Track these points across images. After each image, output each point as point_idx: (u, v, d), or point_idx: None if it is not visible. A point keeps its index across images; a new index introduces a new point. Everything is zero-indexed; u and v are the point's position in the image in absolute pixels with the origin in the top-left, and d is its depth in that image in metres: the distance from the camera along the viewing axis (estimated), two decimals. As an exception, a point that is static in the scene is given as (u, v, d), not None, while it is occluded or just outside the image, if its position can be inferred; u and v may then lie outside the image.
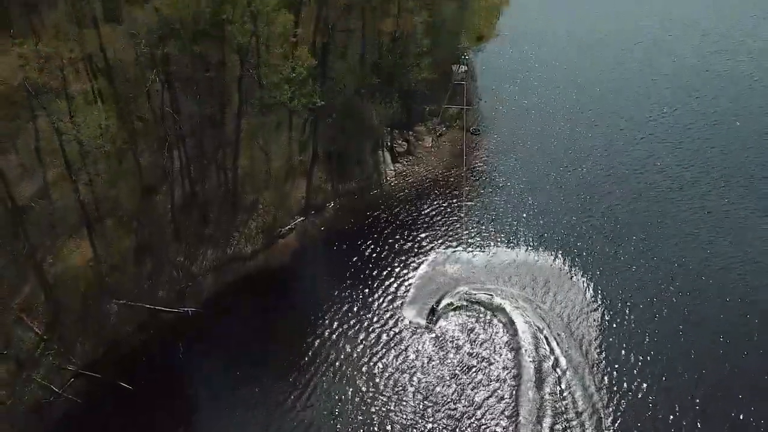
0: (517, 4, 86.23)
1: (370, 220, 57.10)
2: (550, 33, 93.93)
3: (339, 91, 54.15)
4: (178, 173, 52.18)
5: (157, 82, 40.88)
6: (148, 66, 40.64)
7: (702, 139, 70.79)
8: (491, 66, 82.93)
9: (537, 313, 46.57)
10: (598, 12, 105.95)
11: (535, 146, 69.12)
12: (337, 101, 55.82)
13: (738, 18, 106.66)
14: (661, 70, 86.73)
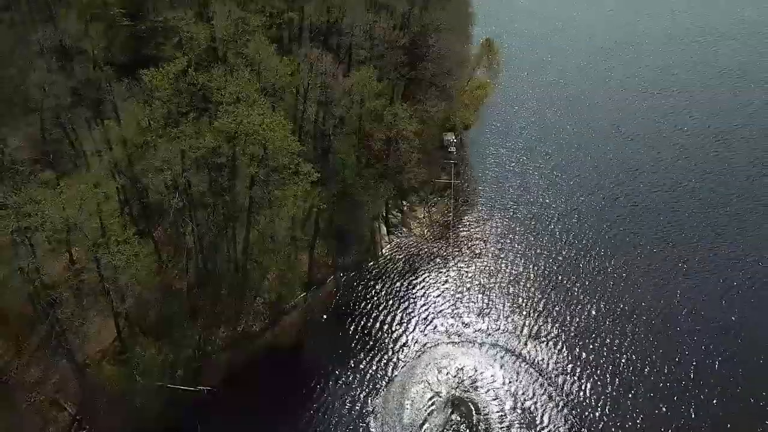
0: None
1: (368, 296, 62.60)
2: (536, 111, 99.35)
3: (338, 181, 59.66)
4: (192, 249, 57.48)
5: (178, 200, 46.43)
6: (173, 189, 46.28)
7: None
8: (479, 140, 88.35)
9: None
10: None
11: (522, 216, 75.03)
12: (336, 188, 61.31)
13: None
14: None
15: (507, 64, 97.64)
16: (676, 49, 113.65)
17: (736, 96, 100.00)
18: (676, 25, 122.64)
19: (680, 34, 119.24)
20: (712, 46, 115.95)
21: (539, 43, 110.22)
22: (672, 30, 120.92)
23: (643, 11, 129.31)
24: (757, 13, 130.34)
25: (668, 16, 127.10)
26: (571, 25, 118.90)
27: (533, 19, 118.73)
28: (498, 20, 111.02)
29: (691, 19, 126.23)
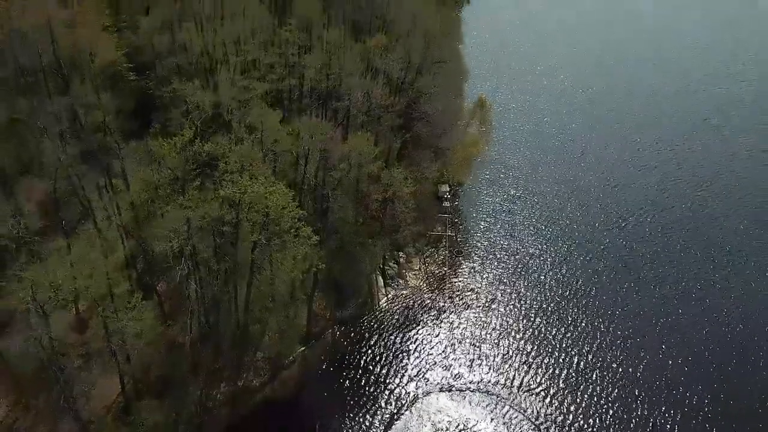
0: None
1: (364, 349, 64.70)
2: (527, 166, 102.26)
3: (337, 239, 62.44)
4: (194, 305, 59.83)
5: (183, 266, 49.11)
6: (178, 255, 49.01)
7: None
8: (473, 190, 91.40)
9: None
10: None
11: (513, 267, 77.56)
12: (335, 243, 63.98)
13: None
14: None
15: (500, 116, 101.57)
16: (667, 98, 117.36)
17: (724, 142, 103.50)
18: (672, 77, 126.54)
19: (674, 84, 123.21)
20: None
21: (531, 96, 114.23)
22: (664, 78, 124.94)
23: (633, 56, 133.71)
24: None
25: (663, 65, 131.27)
26: (564, 75, 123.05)
27: (526, 74, 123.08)
28: (491, 75, 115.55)
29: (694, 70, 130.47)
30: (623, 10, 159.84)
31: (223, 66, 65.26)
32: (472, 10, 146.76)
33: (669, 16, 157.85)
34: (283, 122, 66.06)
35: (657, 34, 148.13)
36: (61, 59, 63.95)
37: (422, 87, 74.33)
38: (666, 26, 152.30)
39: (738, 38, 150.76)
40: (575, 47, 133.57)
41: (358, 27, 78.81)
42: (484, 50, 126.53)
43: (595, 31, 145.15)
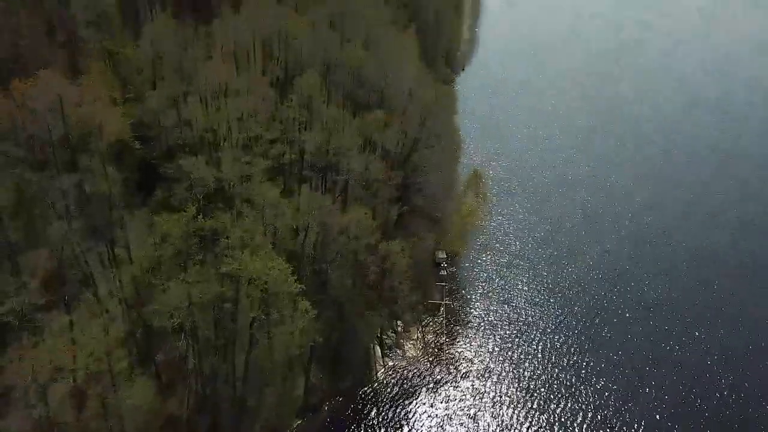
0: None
1: (362, 423, 64.37)
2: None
3: (335, 310, 63.22)
4: (192, 376, 59.86)
5: (184, 342, 49.80)
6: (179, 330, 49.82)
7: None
8: (469, 257, 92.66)
9: None
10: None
11: (508, 335, 77.97)
12: (333, 314, 64.64)
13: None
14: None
15: (496, 184, 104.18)
16: (657, 164, 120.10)
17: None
18: (668, 140, 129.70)
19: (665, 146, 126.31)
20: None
21: (526, 162, 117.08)
22: (667, 141, 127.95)
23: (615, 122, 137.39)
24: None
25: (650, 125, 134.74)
26: (558, 140, 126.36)
27: (521, 139, 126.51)
28: (487, 141, 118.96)
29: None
30: (621, 65, 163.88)
31: (226, 142, 67.66)
32: (468, 76, 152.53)
33: (668, 65, 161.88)
34: (283, 193, 68.08)
35: (661, 85, 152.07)
36: (70, 134, 66.46)
37: (419, 160, 76.82)
38: (668, 81, 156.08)
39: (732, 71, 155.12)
40: (571, 113, 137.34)
41: (357, 102, 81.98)
42: (479, 116, 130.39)
43: (592, 89, 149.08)
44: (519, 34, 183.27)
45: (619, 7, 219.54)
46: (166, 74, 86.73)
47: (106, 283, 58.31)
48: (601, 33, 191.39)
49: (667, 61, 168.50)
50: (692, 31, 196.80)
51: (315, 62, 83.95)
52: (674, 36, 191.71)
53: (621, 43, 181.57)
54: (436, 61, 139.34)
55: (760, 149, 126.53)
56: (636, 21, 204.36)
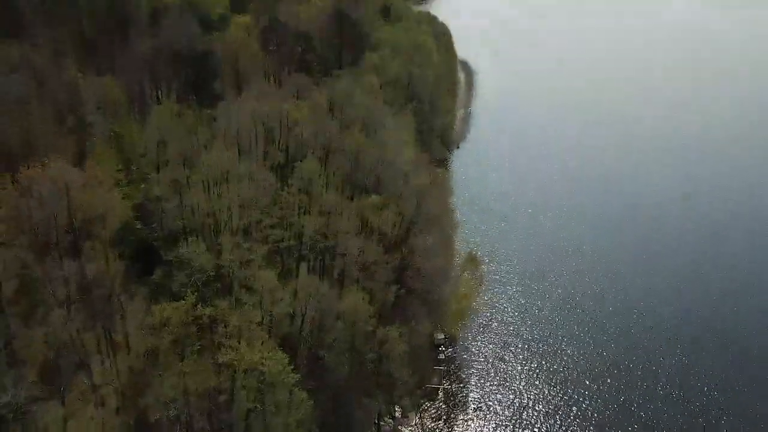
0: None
1: None
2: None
3: (331, 396, 62.72)
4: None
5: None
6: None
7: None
8: (467, 338, 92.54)
9: None
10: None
11: (508, 420, 76.94)
12: (329, 401, 64.02)
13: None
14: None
15: (493, 263, 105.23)
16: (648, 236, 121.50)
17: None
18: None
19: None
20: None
21: (522, 243, 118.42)
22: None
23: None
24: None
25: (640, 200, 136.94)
26: (554, 223, 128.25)
27: (517, 219, 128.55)
28: (481, 227, 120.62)
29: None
30: (618, 136, 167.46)
31: (227, 227, 69.12)
32: (462, 153, 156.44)
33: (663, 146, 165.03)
34: (281, 275, 68.91)
35: (661, 156, 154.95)
36: (74, 219, 68.02)
37: (415, 243, 78.20)
38: (666, 154, 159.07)
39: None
40: (567, 190, 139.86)
41: (355, 185, 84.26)
42: (474, 194, 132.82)
43: (588, 164, 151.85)
44: (513, 111, 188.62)
45: (615, 72, 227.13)
46: (170, 157, 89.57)
47: (102, 370, 58.12)
48: (598, 100, 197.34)
49: (666, 133, 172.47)
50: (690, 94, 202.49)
51: (315, 146, 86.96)
52: (673, 100, 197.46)
53: (619, 112, 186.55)
54: (431, 140, 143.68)
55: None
56: (635, 86, 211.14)
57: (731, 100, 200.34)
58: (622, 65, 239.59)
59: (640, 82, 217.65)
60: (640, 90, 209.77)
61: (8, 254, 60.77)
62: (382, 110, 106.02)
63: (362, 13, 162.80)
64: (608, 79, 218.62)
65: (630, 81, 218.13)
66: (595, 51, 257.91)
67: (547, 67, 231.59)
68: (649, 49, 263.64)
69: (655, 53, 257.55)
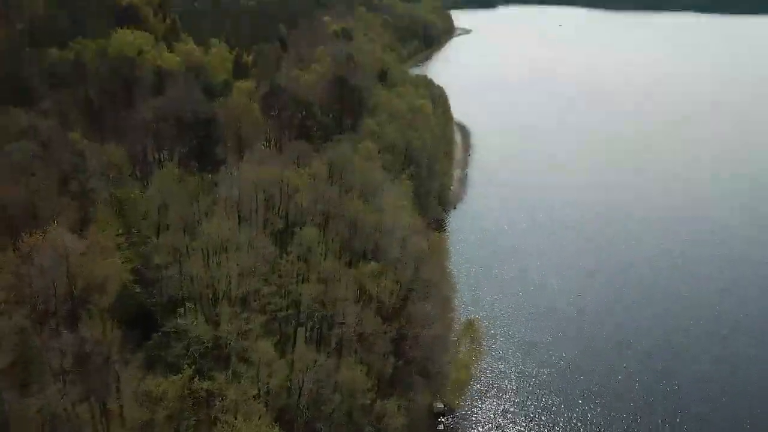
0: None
1: None
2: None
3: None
4: None
5: None
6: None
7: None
8: (467, 405, 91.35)
9: None
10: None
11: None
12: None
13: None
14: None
15: (491, 329, 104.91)
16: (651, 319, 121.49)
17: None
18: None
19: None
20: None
21: (520, 313, 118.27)
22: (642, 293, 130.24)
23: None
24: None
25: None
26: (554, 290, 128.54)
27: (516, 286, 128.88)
28: (480, 292, 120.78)
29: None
30: (617, 203, 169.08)
31: (225, 296, 69.46)
32: (459, 214, 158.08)
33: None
34: (278, 344, 68.76)
35: (663, 220, 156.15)
36: (74, 288, 68.32)
37: (413, 311, 78.35)
38: (668, 218, 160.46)
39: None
40: (565, 254, 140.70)
41: (353, 251, 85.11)
42: (471, 257, 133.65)
43: (588, 228, 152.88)
44: (510, 171, 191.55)
45: (612, 132, 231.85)
46: (171, 222, 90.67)
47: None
48: (596, 161, 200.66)
49: (664, 194, 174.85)
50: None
51: (314, 213, 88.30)
52: (671, 162, 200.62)
53: (617, 172, 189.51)
54: (429, 201, 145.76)
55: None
56: (633, 145, 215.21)
57: (730, 165, 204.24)
58: (621, 125, 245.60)
59: (639, 142, 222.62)
60: (639, 150, 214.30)
61: (7, 323, 60.85)
62: (380, 176, 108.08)
63: (360, 78, 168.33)
64: (606, 140, 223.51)
65: (628, 140, 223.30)
66: (594, 112, 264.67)
67: (544, 127, 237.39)
68: (650, 108, 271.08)
69: (657, 112, 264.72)
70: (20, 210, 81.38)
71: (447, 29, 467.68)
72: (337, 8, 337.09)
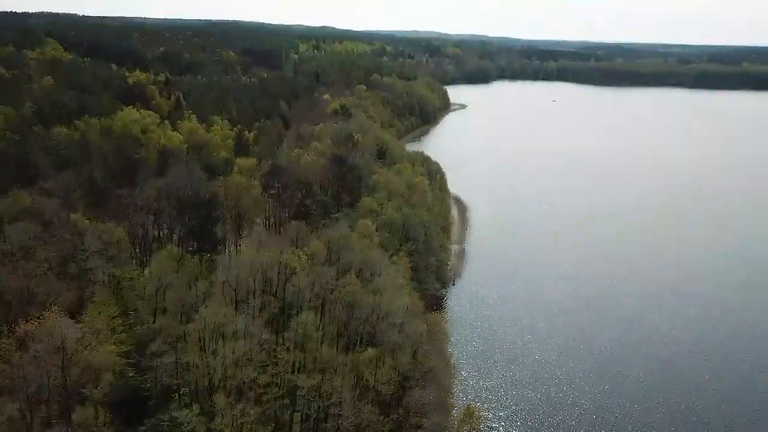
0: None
1: None
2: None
3: None
4: None
5: None
6: None
7: None
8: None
9: None
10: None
11: None
12: None
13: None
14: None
15: (491, 413, 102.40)
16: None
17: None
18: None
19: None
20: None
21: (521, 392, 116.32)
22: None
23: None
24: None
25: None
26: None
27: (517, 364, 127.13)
28: (479, 377, 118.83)
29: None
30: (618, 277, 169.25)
31: (220, 387, 68.48)
32: (457, 290, 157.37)
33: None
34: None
35: (667, 298, 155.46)
36: (67, 377, 67.37)
37: (411, 401, 76.97)
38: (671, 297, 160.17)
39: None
40: (566, 332, 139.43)
41: (350, 336, 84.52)
42: (470, 338, 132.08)
43: (589, 304, 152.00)
44: (507, 245, 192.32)
45: (610, 207, 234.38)
46: (168, 304, 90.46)
47: None
48: (593, 234, 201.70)
49: (661, 269, 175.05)
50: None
51: (311, 296, 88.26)
52: (666, 237, 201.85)
53: (613, 248, 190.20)
54: (427, 278, 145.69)
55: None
56: (630, 219, 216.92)
57: (720, 239, 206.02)
58: (617, 198, 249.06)
59: (634, 215, 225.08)
60: (633, 223, 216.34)
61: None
62: (378, 255, 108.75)
63: (360, 156, 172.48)
64: (602, 213, 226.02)
65: (623, 213, 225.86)
66: (590, 185, 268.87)
67: (540, 200, 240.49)
68: (644, 181, 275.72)
69: (649, 185, 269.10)
70: (17, 295, 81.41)
71: (443, 105, 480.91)
72: (337, 86, 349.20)
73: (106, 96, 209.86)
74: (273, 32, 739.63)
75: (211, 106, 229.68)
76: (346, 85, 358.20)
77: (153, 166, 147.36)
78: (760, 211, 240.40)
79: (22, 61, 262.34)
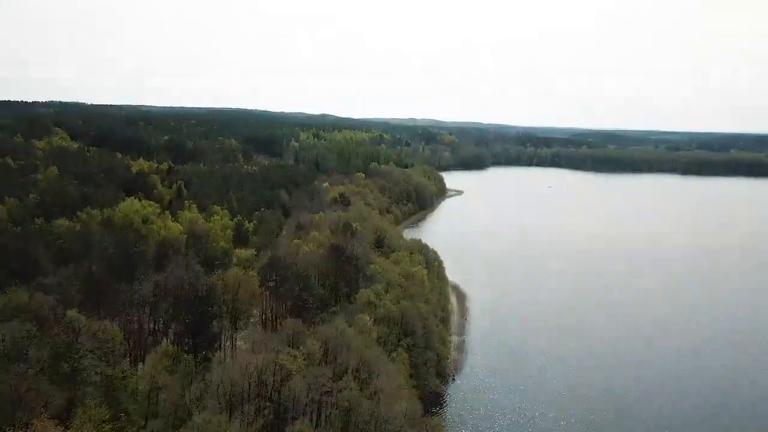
0: None
1: None
2: None
3: None
4: None
5: None
6: None
7: None
8: None
9: None
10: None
11: None
12: None
13: None
14: None
15: None
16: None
17: None
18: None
19: None
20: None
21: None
22: None
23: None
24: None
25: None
26: None
27: None
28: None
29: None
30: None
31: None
32: (458, 387, 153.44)
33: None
34: None
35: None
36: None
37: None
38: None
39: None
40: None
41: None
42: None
43: (590, 383, 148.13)
44: (509, 336, 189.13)
45: (612, 294, 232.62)
46: (161, 408, 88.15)
47: None
48: (597, 324, 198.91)
49: (665, 357, 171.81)
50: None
51: (307, 401, 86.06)
52: (670, 322, 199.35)
53: (619, 335, 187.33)
54: (426, 373, 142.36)
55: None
56: (634, 303, 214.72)
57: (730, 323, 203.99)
58: (617, 282, 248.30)
59: (634, 300, 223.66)
60: (634, 307, 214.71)
61: None
62: (375, 352, 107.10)
63: (357, 245, 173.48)
64: (603, 299, 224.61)
65: (624, 298, 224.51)
66: (590, 270, 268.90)
67: (541, 287, 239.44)
68: (643, 267, 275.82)
69: (649, 271, 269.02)
70: (7, 398, 79.48)
71: (439, 191, 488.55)
72: (336, 174, 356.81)
73: (109, 186, 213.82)
74: (274, 120, 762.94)
75: (212, 195, 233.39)
76: (345, 173, 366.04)
77: (152, 260, 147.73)
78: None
79: (30, 151, 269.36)
